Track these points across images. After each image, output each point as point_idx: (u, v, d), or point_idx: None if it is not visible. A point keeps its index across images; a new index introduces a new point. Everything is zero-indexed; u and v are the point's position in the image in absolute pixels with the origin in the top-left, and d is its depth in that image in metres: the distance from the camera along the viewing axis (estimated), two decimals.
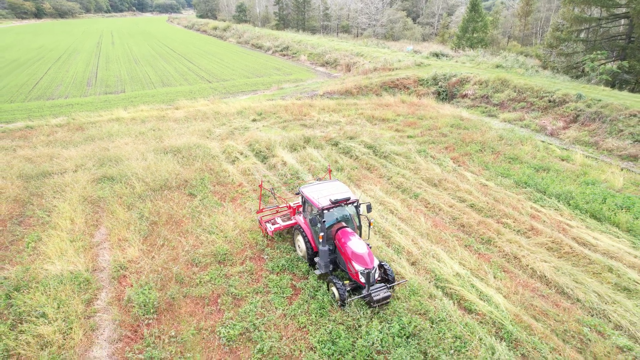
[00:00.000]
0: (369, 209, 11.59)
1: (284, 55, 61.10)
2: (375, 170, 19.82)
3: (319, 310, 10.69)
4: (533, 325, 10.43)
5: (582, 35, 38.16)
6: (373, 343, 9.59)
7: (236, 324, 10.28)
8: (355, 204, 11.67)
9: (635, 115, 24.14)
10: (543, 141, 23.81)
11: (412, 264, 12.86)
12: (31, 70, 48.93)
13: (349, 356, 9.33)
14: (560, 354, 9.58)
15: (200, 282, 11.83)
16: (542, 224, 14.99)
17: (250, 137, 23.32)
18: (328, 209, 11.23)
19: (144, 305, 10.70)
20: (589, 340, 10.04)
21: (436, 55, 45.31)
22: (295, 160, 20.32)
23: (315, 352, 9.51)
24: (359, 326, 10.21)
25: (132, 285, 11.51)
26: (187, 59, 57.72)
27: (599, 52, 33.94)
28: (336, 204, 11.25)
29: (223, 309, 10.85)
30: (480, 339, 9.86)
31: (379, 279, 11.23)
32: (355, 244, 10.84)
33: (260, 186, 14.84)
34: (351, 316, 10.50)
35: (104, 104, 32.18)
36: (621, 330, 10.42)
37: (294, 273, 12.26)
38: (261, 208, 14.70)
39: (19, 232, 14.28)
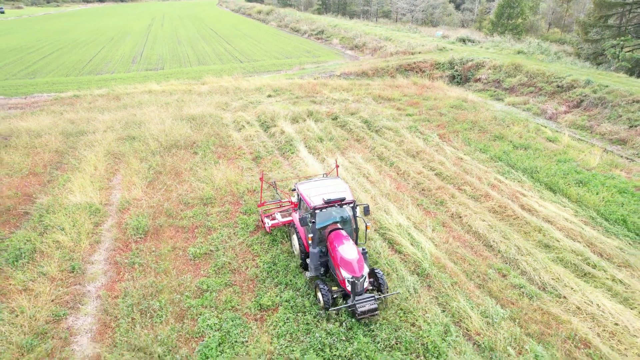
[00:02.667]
0: (366, 211, 10.86)
1: (319, 39, 62.97)
2: (363, 141, 21.74)
3: (272, 242, 13.09)
4: (448, 266, 12.25)
5: (611, 21, 37.10)
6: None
7: (203, 246, 12.92)
8: (351, 205, 10.94)
9: (637, 102, 24.23)
10: (539, 124, 24.54)
11: (365, 216, 14.89)
12: (87, 49, 54.21)
13: (282, 270, 11.71)
14: (460, 287, 11.40)
15: (184, 217, 14.58)
16: (497, 192, 16.42)
17: (260, 110, 25.85)
18: (320, 208, 10.58)
19: (136, 229, 13.60)
20: (490, 279, 11.76)
21: (463, 40, 45.51)
22: (294, 131, 22.62)
23: (257, 268, 11.96)
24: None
25: (130, 215, 14.47)
26: (226, 40, 61.11)
27: (623, 38, 33.21)
28: (329, 204, 10.56)
29: (197, 236, 13.54)
30: (397, 271, 11.86)
31: (370, 287, 10.58)
32: (346, 249, 10.18)
33: (261, 179, 14.10)
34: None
35: (142, 79, 35.94)
36: (524, 275, 12.01)
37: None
38: (262, 201, 14.33)
39: (56, 174, 17.72)
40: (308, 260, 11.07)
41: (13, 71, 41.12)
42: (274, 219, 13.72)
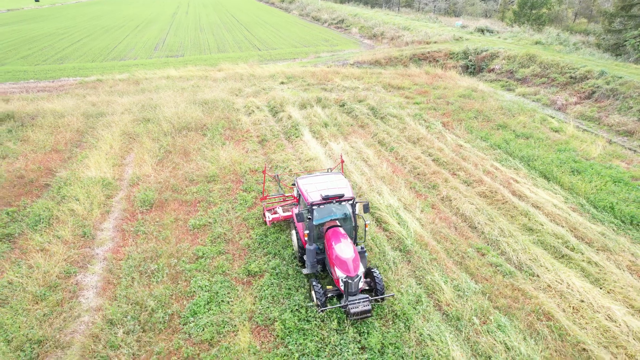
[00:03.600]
0: (365, 208, 10.66)
1: (338, 28, 63.16)
2: (367, 127, 22.33)
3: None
4: (430, 244, 12.88)
5: (635, 10, 35.99)
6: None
7: (202, 219, 13.94)
8: (350, 202, 10.69)
9: None
10: (547, 114, 24.50)
11: (358, 195, 15.62)
12: (113, 36, 56.15)
13: (272, 241, 12.62)
14: (438, 263, 12.05)
15: (188, 192, 15.65)
16: (491, 178, 16.83)
17: (270, 96, 26.71)
18: (318, 204, 10.35)
19: (143, 201, 14.74)
20: (468, 257, 12.34)
21: (481, 31, 45.00)
22: (301, 116, 23.39)
23: (250, 239, 12.90)
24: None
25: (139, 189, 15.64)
26: (247, 28, 62.06)
27: None
28: (327, 200, 10.31)
29: (198, 210, 14.58)
30: (380, 247, 12.58)
31: (366, 287, 10.39)
32: (342, 248, 9.95)
33: (264, 172, 13.87)
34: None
35: (162, 65, 37.28)
36: (503, 255, 12.54)
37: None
38: (265, 195, 14.14)
39: (75, 151, 19.10)
40: (305, 257, 10.86)
41: (44, 56, 43.22)
42: (275, 213, 13.65)
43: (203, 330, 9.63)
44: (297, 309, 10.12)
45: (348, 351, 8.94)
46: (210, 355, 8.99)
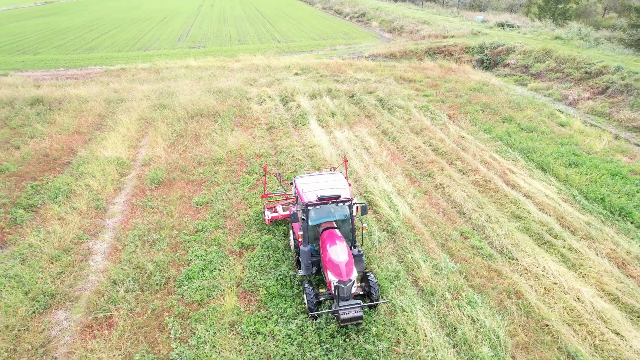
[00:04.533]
0: (363, 210, 10.42)
1: (359, 21, 63.37)
2: (373, 118, 22.91)
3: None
4: (416, 226, 13.49)
5: None
6: None
7: (206, 197, 14.96)
8: (348, 204, 10.46)
9: None
10: (556, 109, 24.44)
11: (355, 181, 16.32)
12: (140, 27, 58.16)
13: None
14: (421, 244, 12.67)
15: (195, 172, 16.71)
16: (487, 168, 17.21)
17: (283, 87, 27.56)
18: (314, 205, 10.14)
19: (153, 180, 15.89)
20: (452, 239, 12.90)
21: (502, 25, 44.48)
22: (309, 105, 24.16)
23: (247, 216, 13.83)
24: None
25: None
26: (269, 21, 63.05)
27: None
28: (322, 200, 10.08)
29: (202, 189, 15.62)
30: (367, 227, 13.27)
31: (360, 292, 10.21)
32: (336, 250, 9.63)
33: (264, 170, 13.75)
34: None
35: (184, 55, 38.69)
36: (486, 240, 13.03)
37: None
38: (266, 193, 14.02)
39: (96, 134, 20.48)
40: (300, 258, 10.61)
41: (75, 46, 45.41)
42: (275, 211, 13.44)
43: (195, 292, 10.61)
44: (281, 278, 10.98)
45: (321, 314, 9.72)
46: (198, 314, 9.96)
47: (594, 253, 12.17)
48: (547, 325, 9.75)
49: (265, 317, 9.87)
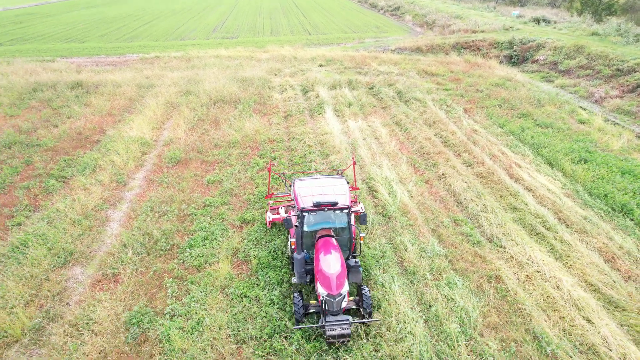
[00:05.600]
0: (362, 220, 9.84)
1: (393, 15, 63.08)
2: (389, 109, 23.31)
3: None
4: (411, 212, 13.97)
5: None
6: None
7: (217, 176, 16.03)
8: (346, 211, 9.89)
9: None
10: (580, 106, 23.91)
11: (361, 167, 16.92)
12: (179, 18, 60.50)
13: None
14: (413, 228, 13.16)
15: (211, 154, 17.84)
16: (494, 161, 17.34)
17: (305, 77, 28.35)
18: (309, 211, 9.67)
19: (171, 158, 17.16)
20: (444, 226, 13.31)
21: (537, 20, 43.21)
22: (328, 96, 24.83)
23: (252, 195, 14.77)
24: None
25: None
26: (303, 13, 63.89)
27: None
28: (318, 207, 9.56)
29: (215, 169, 16.71)
30: (364, 210, 13.89)
31: (353, 307, 9.54)
32: (328, 261, 9.05)
33: (268, 169, 13.45)
34: None
35: (216, 46, 40.21)
36: (479, 228, 13.34)
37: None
38: (270, 193, 13.69)
39: (125, 116, 22.07)
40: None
41: (117, 35, 48.03)
42: (277, 213, 13.00)
43: (194, 259, 11.65)
44: (273, 251, 11.84)
45: (303, 288, 10.49)
46: (195, 277, 10.99)
47: (585, 246, 12.26)
48: (520, 309, 10.10)
49: (254, 283, 10.77)
